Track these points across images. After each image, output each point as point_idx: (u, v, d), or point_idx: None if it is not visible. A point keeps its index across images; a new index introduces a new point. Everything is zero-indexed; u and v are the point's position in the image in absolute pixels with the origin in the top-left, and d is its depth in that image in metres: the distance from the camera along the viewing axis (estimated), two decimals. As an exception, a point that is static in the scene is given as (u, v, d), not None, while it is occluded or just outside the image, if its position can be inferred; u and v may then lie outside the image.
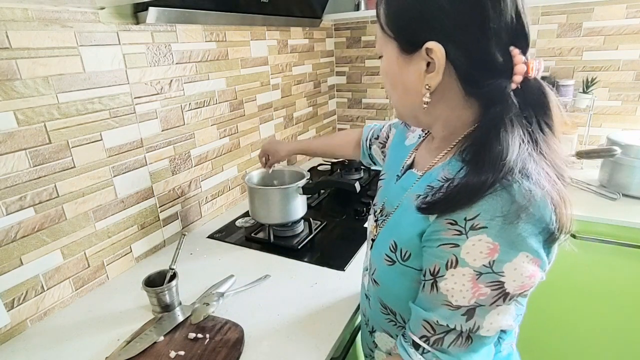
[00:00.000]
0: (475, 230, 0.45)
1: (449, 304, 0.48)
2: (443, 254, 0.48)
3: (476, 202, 0.45)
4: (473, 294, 0.46)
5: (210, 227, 1.34)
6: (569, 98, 1.64)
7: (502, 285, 0.45)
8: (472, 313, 0.47)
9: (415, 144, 0.70)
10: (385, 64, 0.56)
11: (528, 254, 0.44)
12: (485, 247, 0.44)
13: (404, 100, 0.57)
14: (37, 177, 0.86)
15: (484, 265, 0.45)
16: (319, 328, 0.84)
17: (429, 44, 0.49)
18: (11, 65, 0.79)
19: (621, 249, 1.27)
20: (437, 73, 0.50)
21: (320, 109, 2.07)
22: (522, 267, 0.44)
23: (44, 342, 0.85)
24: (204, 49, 1.26)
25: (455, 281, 0.46)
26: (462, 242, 0.46)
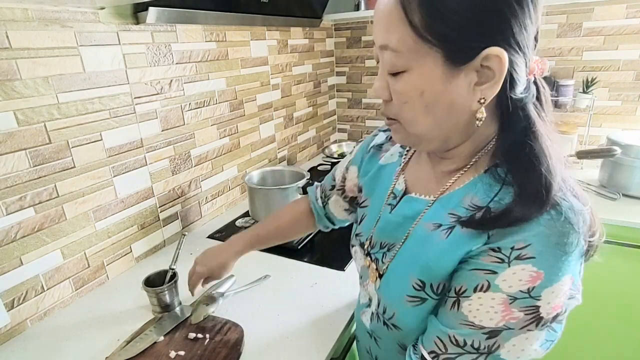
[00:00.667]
0: (521, 259, 0.41)
1: (470, 324, 0.44)
2: (474, 278, 0.44)
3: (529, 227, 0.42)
4: (503, 317, 0.42)
5: (210, 227, 1.34)
6: (569, 98, 1.64)
7: (537, 309, 0.41)
8: (497, 334, 0.43)
9: (398, 164, 0.63)
10: (419, 82, 0.44)
11: (570, 275, 0.42)
12: (527, 276, 0.41)
13: (442, 122, 0.47)
14: (37, 177, 0.86)
15: (521, 291, 0.41)
16: (319, 328, 0.84)
17: (493, 50, 0.41)
18: (11, 65, 0.79)
19: (621, 249, 1.27)
20: (497, 83, 0.43)
21: (320, 109, 2.07)
22: (559, 289, 0.41)
23: (44, 342, 0.85)
24: (204, 49, 1.26)
25: (482, 303, 0.43)
26: (500, 270, 0.42)
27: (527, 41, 0.43)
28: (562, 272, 0.41)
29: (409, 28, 0.42)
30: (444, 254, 0.48)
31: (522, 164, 0.45)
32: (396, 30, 0.43)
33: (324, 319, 0.86)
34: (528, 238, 0.41)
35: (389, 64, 0.46)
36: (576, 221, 0.42)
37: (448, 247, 0.48)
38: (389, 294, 0.55)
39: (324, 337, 0.81)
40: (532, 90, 0.47)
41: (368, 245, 0.61)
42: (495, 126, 0.49)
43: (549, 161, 0.43)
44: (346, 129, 2.29)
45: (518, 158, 0.45)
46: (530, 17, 0.41)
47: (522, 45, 0.42)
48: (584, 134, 1.67)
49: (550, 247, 0.41)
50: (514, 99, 0.45)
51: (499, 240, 0.43)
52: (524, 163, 0.44)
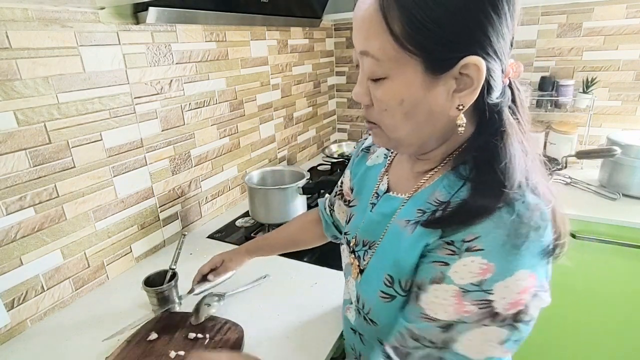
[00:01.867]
0: (471, 251, 0.42)
1: (426, 317, 0.45)
2: (431, 270, 0.46)
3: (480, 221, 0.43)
4: (456, 310, 0.43)
5: (210, 227, 1.34)
6: (569, 98, 1.64)
7: (490, 303, 0.41)
8: (451, 328, 0.43)
9: (382, 165, 0.65)
10: (399, 90, 0.45)
11: (525, 271, 0.42)
12: (477, 268, 0.42)
13: (421, 128, 0.48)
14: (37, 177, 0.86)
15: (472, 283, 0.42)
16: (319, 328, 0.84)
17: (471, 59, 0.42)
18: (11, 65, 0.79)
19: (621, 249, 1.27)
20: (475, 90, 0.44)
21: (320, 109, 2.07)
22: (514, 284, 0.41)
23: (44, 342, 0.85)
24: (204, 49, 1.26)
25: (437, 295, 0.44)
26: (452, 262, 0.43)
27: (504, 48, 0.44)
28: (513, 266, 0.41)
29: (389, 37, 0.42)
30: (409, 249, 0.49)
31: (482, 162, 0.46)
32: (376, 38, 0.43)
33: (324, 319, 0.86)
34: (478, 231, 0.43)
35: (369, 70, 0.46)
36: (529, 217, 0.42)
37: (412, 241, 0.49)
38: (366, 289, 0.58)
39: (323, 336, 0.81)
40: (508, 94, 0.48)
41: (353, 243, 0.63)
42: (470, 129, 0.50)
43: (508, 159, 0.44)
44: (346, 128, 2.30)
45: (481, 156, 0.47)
46: (507, 25, 0.42)
47: (499, 52, 0.43)
48: (584, 134, 1.67)
49: (500, 240, 0.42)
50: (490, 104, 0.46)
51: (452, 234, 0.44)
52: (484, 161, 0.46)
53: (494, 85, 0.45)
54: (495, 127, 0.47)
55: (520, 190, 0.44)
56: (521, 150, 0.46)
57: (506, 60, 0.45)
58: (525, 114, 0.50)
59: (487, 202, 0.43)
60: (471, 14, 0.41)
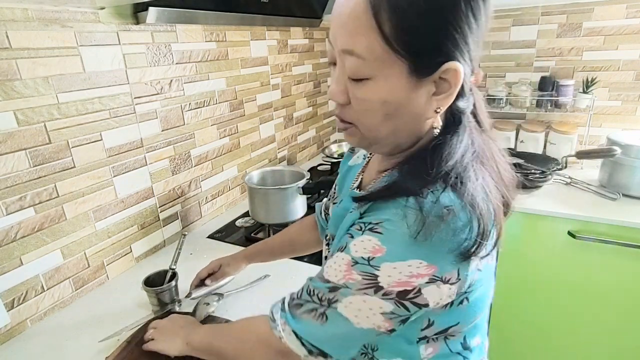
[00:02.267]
0: (371, 232, 0.45)
1: (322, 277, 0.50)
2: (343, 240, 0.49)
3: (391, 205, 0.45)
4: (344, 276, 0.47)
5: (210, 227, 1.34)
6: (569, 98, 1.64)
7: (375, 278, 0.44)
8: (337, 289, 0.47)
9: (361, 165, 0.67)
10: (382, 91, 0.45)
11: (421, 261, 0.43)
12: (370, 246, 0.45)
13: (399, 130, 0.49)
14: (37, 177, 0.86)
15: (362, 257, 0.45)
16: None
17: (452, 65, 0.43)
18: (11, 65, 0.79)
19: (621, 249, 1.27)
20: (452, 94, 0.45)
21: (320, 109, 2.07)
22: (404, 268, 0.43)
23: (44, 342, 0.85)
24: (204, 49, 1.26)
25: (335, 261, 0.48)
26: (356, 236, 0.47)
27: (476, 54, 0.46)
28: (407, 254, 0.43)
29: (378, 36, 0.42)
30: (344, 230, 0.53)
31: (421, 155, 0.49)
32: (364, 36, 0.43)
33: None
34: (385, 217, 0.45)
35: (352, 70, 0.45)
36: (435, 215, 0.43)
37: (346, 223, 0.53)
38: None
39: (323, 337, 0.81)
40: (472, 99, 0.50)
41: (328, 237, 0.67)
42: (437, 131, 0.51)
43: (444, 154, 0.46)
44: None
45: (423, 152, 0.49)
46: (482, 33, 0.44)
47: (473, 59, 0.45)
48: (584, 134, 1.67)
49: (400, 229, 0.44)
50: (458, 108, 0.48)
51: (366, 217, 0.48)
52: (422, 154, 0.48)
53: (465, 90, 0.48)
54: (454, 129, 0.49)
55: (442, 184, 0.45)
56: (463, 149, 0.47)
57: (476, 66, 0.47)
58: (485, 116, 0.53)
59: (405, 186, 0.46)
60: (456, 22, 0.42)
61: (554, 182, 1.53)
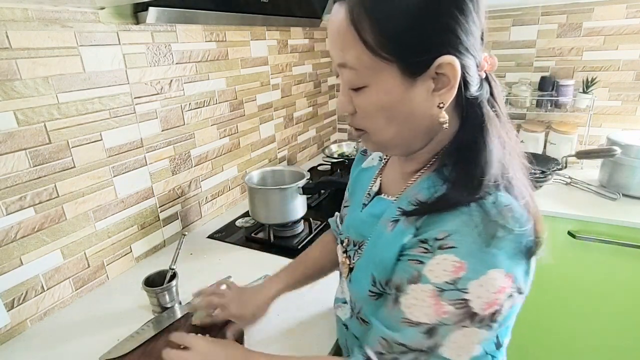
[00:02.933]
0: (443, 249, 0.43)
1: (408, 321, 0.45)
2: (408, 269, 0.46)
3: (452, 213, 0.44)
4: (435, 311, 0.43)
5: (210, 227, 1.34)
6: (569, 98, 1.64)
7: (466, 303, 0.42)
8: (434, 332, 0.43)
9: (377, 167, 0.66)
10: (378, 97, 0.47)
11: (500, 270, 0.42)
12: (450, 266, 0.42)
13: (405, 130, 0.49)
14: (37, 177, 0.86)
15: (447, 282, 0.42)
16: (319, 328, 0.84)
17: (444, 59, 0.43)
18: (11, 65, 0.79)
19: (621, 249, 1.27)
20: (453, 87, 0.45)
21: (320, 109, 2.07)
22: (489, 284, 0.41)
23: (44, 342, 0.85)
24: (204, 49, 1.26)
25: (416, 297, 0.44)
26: (427, 260, 0.44)
27: (475, 44, 0.45)
28: (486, 264, 0.41)
29: (363, 47, 0.44)
30: (388, 247, 0.50)
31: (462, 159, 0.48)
32: (351, 49, 0.45)
33: (324, 319, 0.86)
34: (449, 229, 0.43)
35: (349, 81, 0.48)
36: (498, 215, 0.43)
37: (391, 239, 0.51)
38: (355, 289, 0.59)
39: (324, 336, 0.81)
40: (486, 87, 0.50)
41: (346, 243, 0.64)
42: (455, 126, 0.51)
43: (486, 155, 0.46)
44: (346, 128, 2.29)
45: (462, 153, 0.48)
46: (474, 21, 0.44)
47: (470, 49, 0.45)
48: (584, 134, 1.67)
49: (471, 238, 0.42)
50: (470, 98, 0.48)
51: (425, 232, 0.45)
52: (464, 158, 0.48)
53: (470, 80, 0.47)
54: (478, 122, 0.48)
55: (495, 186, 0.44)
56: (499, 145, 0.47)
57: (479, 54, 0.47)
58: (503, 107, 0.51)
59: (461, 196, 0.44)
60: (438, 17, 0.42)
61: (554, 182, 1.53)
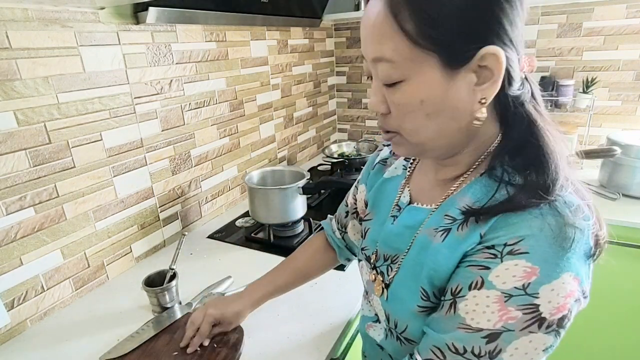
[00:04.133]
0: (514, 255, 0.40)
1: (467, 327, 0.42)
2: (469, 275, 0.43)
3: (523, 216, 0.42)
4: (500, 317, 0.40)
5: (210, 227, 1.34)
6: (569, 98, 1.64)
7: (536, 308, 0.39)
8: (496, 337, 0.41)
9: (402, 177, 0.62)
10: (418, 90, 0.44)
11: (571, 274, 0.40)
12: (520, 272, 0.40)
13: (445, 128, 0.46)
14: (37, 177, 0.86)
15: (516, 287, 0.40)
16: (319, 328, 0.84)
17: (489, 49, 0.41)
18: (11, 65, 0.79)
19: (621, 249, 1.27)
20: (496, 82, 0.42)
21: (320, 109, 2.07)
22: (560, 287, 0.39)
23: (44, 342, 0.85)
24: (204, 49, 1.26)
25: (477, 302, 0.42)
26: (493, 266, 0.41)
27: (519, 37, 0.43)
28: (560, 268, 0.40)
29: (403, 37, 0.42)
30: (442, 258, 0.47)
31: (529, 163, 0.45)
32: (389, 40, 0.42)
33: (324, 319, 0.86)
34: (521, 233, 0.41)
35: (385, 75, 0.45)
36: (572, 217, 0.41)
37: (445, 250, 0.47)
38: (397, 307, 0.54)
39: (324, 336, 0.81)
40: (527, 87, 0.47)
41: (374, 259, 0.60)
42: (496, 127, 0.48)
43: (556, 159, 0.43)
44: (346, 128, 2.30)
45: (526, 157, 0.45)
46: (519, 14, 0.42)
47: (515, 41, 0.42)
48: (584, 134, 1.67)
49: (545, 242, 0.40)
50: (512, 96, 0.45)
51: (492, 239, 0.43)
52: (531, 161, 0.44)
53: (514, 76, 0.44)
54: (523, 123, 0.45)
55: (562, 190, 0.43)
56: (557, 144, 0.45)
57: (522, 49, 0.44)
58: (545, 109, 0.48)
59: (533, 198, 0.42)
60: (483, 3, 0.40)
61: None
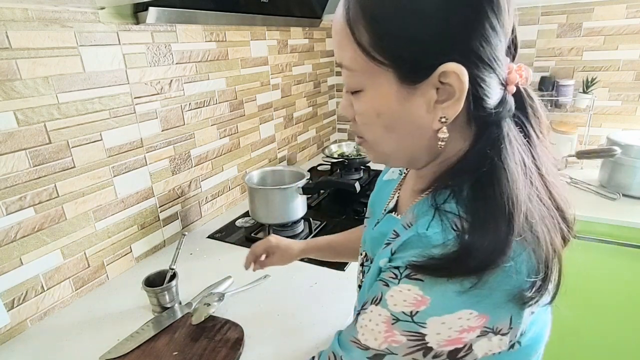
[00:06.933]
0: (410, 279, 0.38)
1: (357, 342, 0.42)
2: (375, 289, 0.42)
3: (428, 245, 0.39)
4: (385, 338, 0.40)
5: (210, 227, 1.34)
6: (569, 98, 1.64)
7: (422, 337, 0.38)
8: (381, 357, 0.41)
9: (397, 181, 0.62)
10: (374, 103, 0.43)
11: (472, 312, 0.37)
12: (411, 298, 0.38)
13: (404, 142, 0.45)
14: (37, 177, 0.86)
15: (404, 312, 0.38)
16: (319, 328, 0.84)
17: (448, 67, 0.38)
18: (11, 65, 0.79)
19: (621, 249, 1.27)
20: (458, 101, 0.39)
21: (320, 109, 2.07)
22: (452, 322, 0.37)
23: (44, 342, 0.85)
24: (204, 49, 1.26)
25: (371, 318, 0.41)
26: (391, 285, 0.40)
27: (494, 53, 0.39)
28: (454, 306, 0.37)
29: (358, 48, 0.40)
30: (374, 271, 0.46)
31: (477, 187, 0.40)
32: (348, 49, 0.42)
33: (324, 319, 0.86)
34: (415, 258, 0.38)
35: (346, 82, 0.45)
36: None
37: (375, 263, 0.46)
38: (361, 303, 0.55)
39: (324, 337, 0.81)
40: (510, 102, 0.42)
41: (362, 258, 0.62)
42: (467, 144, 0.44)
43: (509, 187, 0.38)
44: (346, 128, 2.30)
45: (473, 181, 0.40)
46: (494, 27, 0.38)
47: (487, 58, 0.39)
48: (584, 134, 1.67)
49: (445, 277, 0.37)
50: (484, 115, 0.41)
51: (398, 258, 0.41)
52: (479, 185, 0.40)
53: (486, 94, 0.40)
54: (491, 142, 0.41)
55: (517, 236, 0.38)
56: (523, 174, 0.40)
57: (502, 65, 0.40)
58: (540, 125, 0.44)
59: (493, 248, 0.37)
60: (442, 18, 0.37)
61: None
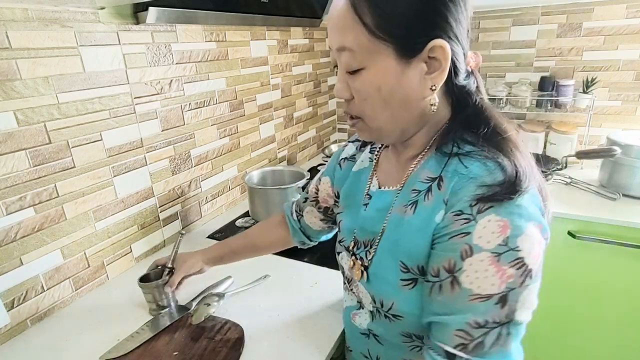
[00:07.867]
0: (483, 212, 0.44)
1: (478, 297, 0.43)
2: (455, 246, 0.45)
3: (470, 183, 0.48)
4: (500, 278, 0.42)
5: (210, 227, 1.34)
6: (569, 98, 1.64)
7: (522, 261, 0.42)
8: (505, 298, 0.43)
9: (370, 168, 0.66)
10: (375, 78, 0.49)
11: (534, 222, 0.44)
12: (495, 226, 0.43)
13: (399, 114, 0.52)
14: (37, 177, 0.86)
15: (499, 244, 0.42)
16: (319, 328, 0.84)
17: (437, 42, 0.47)
18: (11, 65, 0.79)
19: (621, 249, 1.27)
20: (444, 71, 0.48)
21: (320, 109, 2.07)
22: (532, 236, 0.43)
23: (44, 342, 0.85)
24: (204, 49, 1.26)
25: (476, 269, 0.43)
26: (472, 229, 0.44)
27: (462, 33, 0.49)
28: (524, 217, 0.44)
29: (362, 28, 0.47)
30: (416, 230, 0.51)
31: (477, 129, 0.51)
32: (351, 31, 0.48)
33: (324, 319, 0.86)
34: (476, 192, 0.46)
35: (346, 63, 0.50)
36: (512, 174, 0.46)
37: (417, 221, 0.51)
38: (380, 285, 0.57)
39: (324, 336, 0.81)
40: (473, 79, 0.54)
41: (353, 247, 0.63)
42: (447, 111, 0.55)
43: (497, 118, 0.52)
44: (346, 128, 2.30)
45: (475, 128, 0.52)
46: (462, 12, 0.48)
47: (459, 37, 0.49)
48: (584, 134, 1.67)
49: (500, 197, 0.44)
50: (459, 85, 0.52)
51: (456, 204, 0.47)
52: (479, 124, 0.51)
53: (459, 68, 0.51)
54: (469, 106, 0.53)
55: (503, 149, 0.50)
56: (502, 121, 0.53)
57: (466, 46, 0.51)
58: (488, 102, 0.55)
59: (483, 153, 0.49)
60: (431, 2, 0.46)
61: (554, 182, 1.53)
